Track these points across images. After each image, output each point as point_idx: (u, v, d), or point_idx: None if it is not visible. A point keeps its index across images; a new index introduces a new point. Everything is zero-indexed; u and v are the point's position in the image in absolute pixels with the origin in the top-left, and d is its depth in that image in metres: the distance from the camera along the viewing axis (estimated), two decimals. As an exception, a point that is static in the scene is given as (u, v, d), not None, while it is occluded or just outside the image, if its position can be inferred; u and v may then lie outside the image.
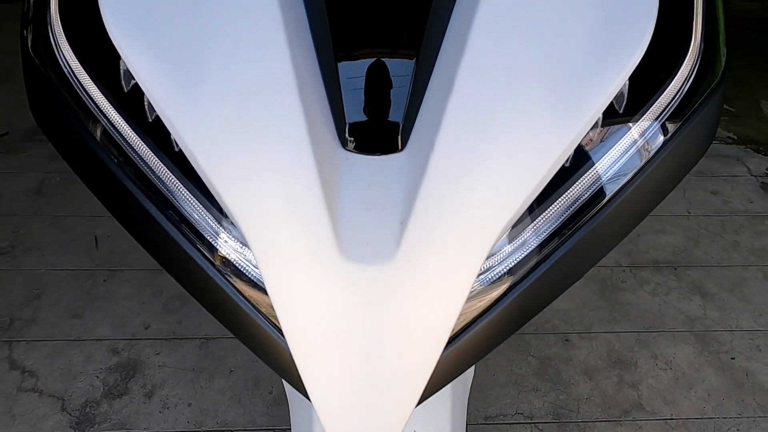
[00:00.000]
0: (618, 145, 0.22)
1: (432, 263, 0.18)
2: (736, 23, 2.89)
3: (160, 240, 0.22)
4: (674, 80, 0.24)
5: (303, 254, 0.18)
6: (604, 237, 0.24)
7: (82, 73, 0.23)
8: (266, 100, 0.19)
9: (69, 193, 1.43)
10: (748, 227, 1.39)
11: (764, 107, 2.01)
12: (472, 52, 0.20)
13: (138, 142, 0.22)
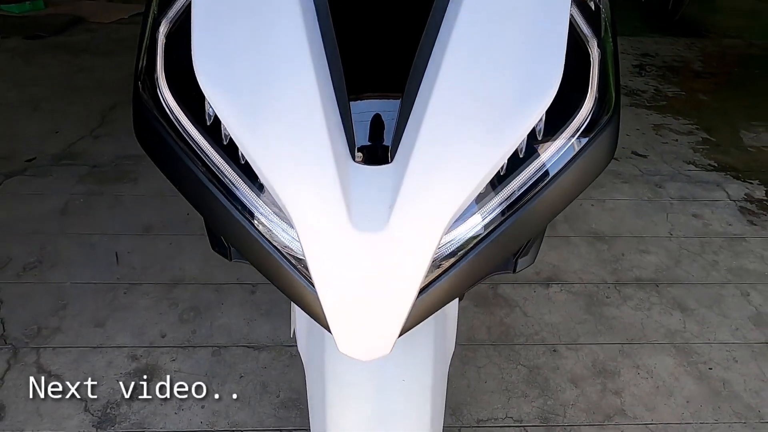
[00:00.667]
0: (539, 157, 0.33)
1: (408, 235, 0.28)
2: (720, 59, 3.06)
3: (231, 223, 0.32)
4: (581, 110, 0.34)
5: (328, 227, 0.28)
6: (532, 221, 0.34)
7: (177, 109, 0.33)
8: (303, 130, 0.29)
9: (92, 212, 1.54)
10: (727, 248, 1.48)
11: (744, 136, 2.13)
12: (439, 93, 0.30)
13: (216, 156, 0.32)
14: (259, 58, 0.32)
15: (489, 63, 0.32)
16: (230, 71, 0.31)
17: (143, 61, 0.36)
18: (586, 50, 0.35)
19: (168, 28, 0.36)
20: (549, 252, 1.43)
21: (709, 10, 4.31)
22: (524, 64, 0.32)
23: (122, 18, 3.49)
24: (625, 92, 2.54)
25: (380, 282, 0.28)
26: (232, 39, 0.32)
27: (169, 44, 0.35)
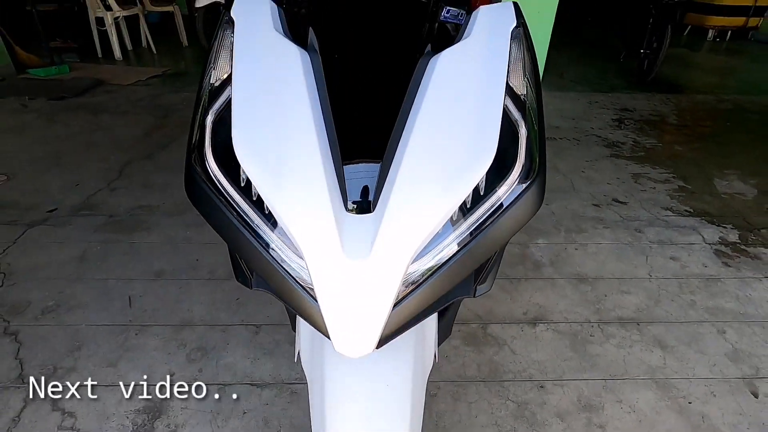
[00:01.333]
0: (481, 207, 0.44)
1: (384, 262, 0.39)
2: (693, 113, 3.29)
3: (256, 256, 0.42)
4: (512, 172, 0.46)
5: (328, 257, 0.39)
6: (478, 254, 0.45)
7: (220, 174, 0.45)
8: (310, 189, 0.41)
9: (108, 259, 1.64)
10: (704, 289, 1.57)
11: (717, 184, 2.28)
12: (407, 162, 0.42)
13: (247, 207, 0.44)
14: (279, 136, 0.44)
15: (445, 139, 0.44)
16: (258, 147, 0.44)
17: (195, 138, 0.49)
18: (516, 130, 0.48)
19: (214, 116, 0.49)
20: (535, 293, 1.52)
21: (682, 67, 4.66)
22: (469, 140, 0.44)
23: (140, 80, 3.79)
24: (605, 144, 2.73)
25: (365, 295, 0.39)
26: (260, 123, 0.45)
27: (214, 127, 0.48)
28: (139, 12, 4.68)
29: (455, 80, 0.47)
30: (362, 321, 0.39)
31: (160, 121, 2.94)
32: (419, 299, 0.43)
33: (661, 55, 3.72)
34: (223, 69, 0.50)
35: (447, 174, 0.42)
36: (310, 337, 0.55)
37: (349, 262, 0.39)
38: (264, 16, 0.53)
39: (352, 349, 0.40)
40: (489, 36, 0.51)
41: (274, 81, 0.47)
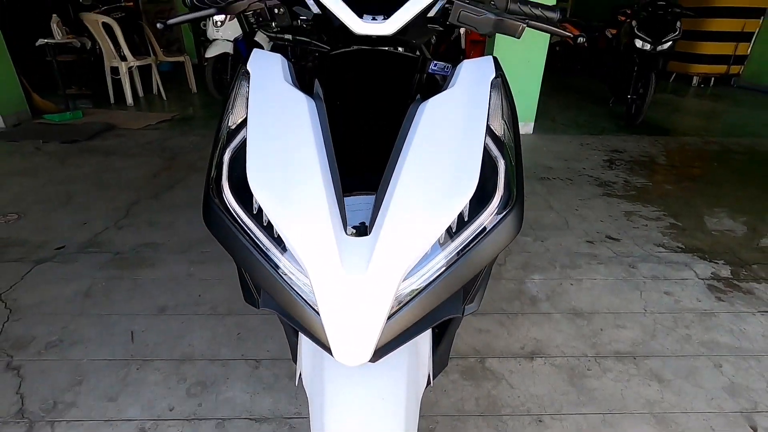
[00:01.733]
0: (465, 233, 0.50)
1: (379, 279, 0.44)
2: (681, 154, 3.40)
3: (265, 275, 0.48)
4: (492, 202, 0.52)
5: (330, 274, 0.44)
6: (462, 275, 0.50)
7: (235, 204, 0.52)
8: (314, 217, 0.47)
9: (112, 295, 1.68)
10: (698, 323, 1.59)
11: (707, 222, 2.34)
12: (398, 193, 0.49)
13: (259, 232, 0.50)
14: (287, 171, 0.51)
15: (432, 172, 0.51)
16: (270, 179, 0.50)
17: (213, 173, 0.55)
18: (496, 165, 0.54)
19: (231, 154, 0.55)
20: (532, 327, 1.54)
21: (669, 111, 4.86)
22: (454, 173, 0.51)
23: (149, 124, 3.96)
24: (598, 183, 2.82)
25: (361, 308, 0.44)
26: (271, 160, 0.52)
27: (230, 164, 0.55)
28: (152, 62, 4.96)
29: (441, 123, 0.55)
30: (359, 332, 0.44)
31: (167, 162, 3.05)
32: (411, 313, 0.47)
33: (647, 100, 3.91)
34: (239, 114, 0.58)
35: (434, 202, 0.48)
36: (311, 355, 0.59)
37: (347, 278, 0.44)
38: (275, 69, 0.61)
39: (350, 358, 0.44)
40: (471, 85, 0.59)
41: (283, 124, 0.54)
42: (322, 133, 0.54)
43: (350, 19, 0.59)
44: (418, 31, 0.67)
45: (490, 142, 0.55)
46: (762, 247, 2.10)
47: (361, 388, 0.52)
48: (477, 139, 0.54)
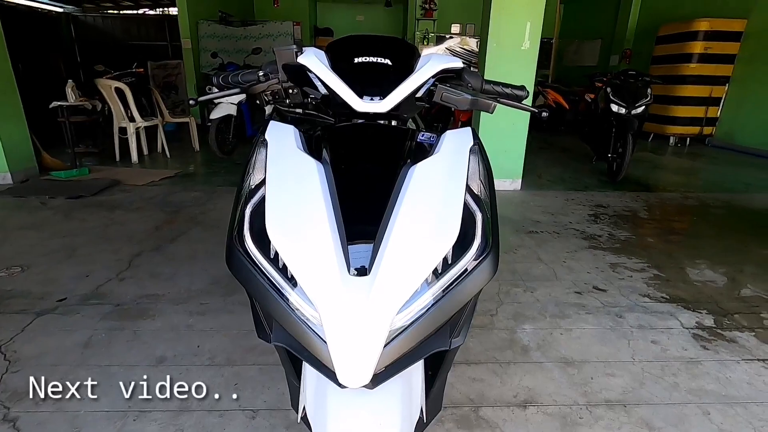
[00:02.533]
0: (448, 274, 0.59)
1: (376, 314, 0.53)
2: (661, 209, 3.57)
3: (279, 310, 0.56)
4: (471, 249, 0.62)
5: (336, 310, 0.53)
6: (446, 310, 0.58)
7: (255, 250, 0.61)
8: (323, 261, 0.56)
9: (112, 346, 1.70)
10: (685, 371, 1.63)
11: (689, 273, 2.44)
12: (392, 242, 0.58)
13: (275, 272, 0.58)
14: (300, 222, 0.61)
15: (420, 223, 0.61)
16: (285, 229, 0.60)
17: (236, 224, 0.65)
18: (474, 218, 0.65)
19: (251, 209, 0.66)
20: (524, 376, 1.58)
21: (649, 169, 5.12)
22: (438, 224, 0.61)
23: (153, 181, 4.11)
24: (583, 237, 2.94)
25: (362, 337, 0.52)
26: (286, 213, 0.62)
27: (251, 216, 0.65)
28: (159, 123, 5.23)
29: (428, 183, 0.66)
30: (360, 357, 0.51)
31: (170, 216, 3.16)
32: (404, 342, 0.55)
33: (627, 158, 4.16)
34: (258, 176, 0.69)
35: (422, 248, 0.58)
36: (315, 388, 0.65)
37: (350, 311, 0.52)
38: (289, 138, 0.73)
39: (353, 381, 0.51)
40: (453, 152, 0.71)
41: (297, 184, 0.65)
42: (329, 192, 0.65)
43: (353, 100, 0.72)
44: (408, 107, 0.80)
45: (470, 199, 0.66)
46: (742, 297, 2.18)
47: (361, 414, 0.58)
48: (458, 196, 0.65)
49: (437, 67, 0.77)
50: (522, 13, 3.69)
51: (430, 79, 0.78)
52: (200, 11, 7.82)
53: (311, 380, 0.67)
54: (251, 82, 0.85)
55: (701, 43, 6.23)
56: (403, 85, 0.74)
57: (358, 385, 0.52)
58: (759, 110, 6.04)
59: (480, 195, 0.67)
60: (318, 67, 0.75)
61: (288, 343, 0.61)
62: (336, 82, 0.73)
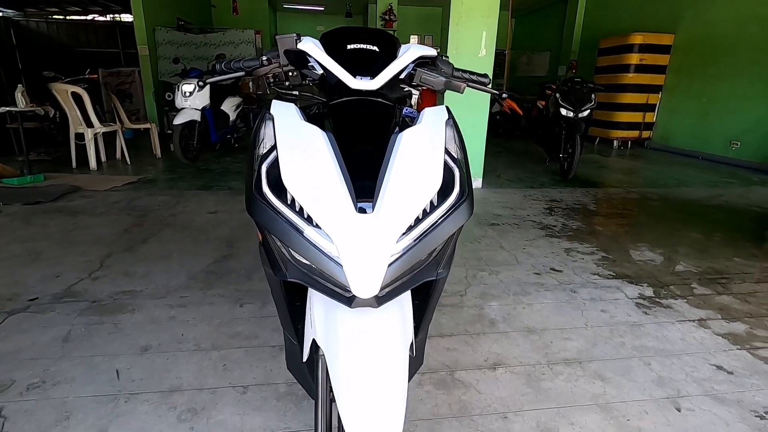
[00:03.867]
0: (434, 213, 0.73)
1: (381, 241, 0.65)
2: (608, 202, 3.90)
3: (296, 240, 0.67)
4: (452, 195, 0.76)
5: (347, 237, 0.64)
6: (433, 240, 0.71)
7: (272, 196, 0.71)
8: (334, 202, 0.68)
9: (93, 339, 1.71)
10: (629, 332, 1.85)
11: (632, 254, 2.71)
12: (389, 191, 0.71)
13: (293, 214, 0.69)
14: (311, 174, 0.72)
15: (410, 178, 0.74)
16: (298, 179, 0.71)
17: (254, 180, 0.75)
18: (452, 173, 0.79)
19: (266, 167, 0.76)
20: (493, 344, 1.74)
21: (596, 168, 5.55)
22: (424, 178, 0.74)
23: (115, 186, 4.02)
24: (540, 227, 3.19)
25: (370, 257, 0.64)
26: (299, 168, 0.73)
27: (267, 170, 0.75)
28: (118, 128, 5.10)
29: (415, 146, 0.79)
30: (369, 272, 0.63)
31: (138, 220, 3.12)
32: (403, 264, 0.67)
33: (576, 157, 4.52)
34: (269, 143, 0.79)
35: (413, 193, 0.71)
36: (324, 318, 0.76)
37: (360, 237, 0.64)
38: (292, 112, 0.84)
39: (364, 291, 0.63)
40: (433, 123, 0.84)
41: (305, 146, 0.76)
42: (333, 151, 0.77)
43: (348, 79, 0.85)
44: (393, 88, 0.94)
45: (448, 159, 0.80)
46: (676, 272, 2.47)
47: (368, 331, 0.70)
48: (438, 156, 0.78)
49: (417, 54, 0.91)
50: (478, 23, 3.97)
51: (411, 64, 0.92)
52: (157, 18, 7.68)
53: (320, 314, 0.77)
54: (254, 66, 0.95)
55: (637, 54, 6.85)
56: (391, 67, 0.87)
57: (369, 296, 0.64)
58: (686, 116, 6.70)
59: (456, 156, 0.81)
60: (316, 52, 0.88)
61: (301, 277, 0.72)
62: (333, 64, 0.86)
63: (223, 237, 2.82)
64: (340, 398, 0.67)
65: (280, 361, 1.60)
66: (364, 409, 0.66)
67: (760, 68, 5.52)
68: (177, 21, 7.95)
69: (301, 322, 1.07)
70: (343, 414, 0.66)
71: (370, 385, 0.67)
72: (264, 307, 1.97)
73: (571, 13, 9.04)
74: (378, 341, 0.71)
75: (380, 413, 0.66)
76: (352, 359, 0.69)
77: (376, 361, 0.69)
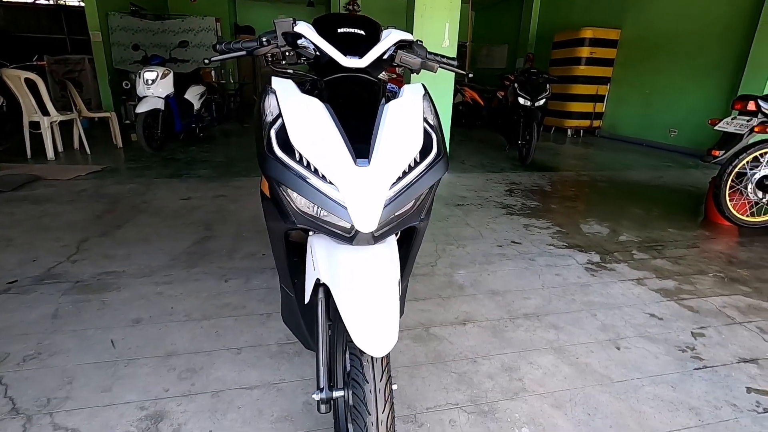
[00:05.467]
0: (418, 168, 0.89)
1: (377, 185, 0.80)
2: (562, 184, 4.21)
3: (303, 188, 0.80)
4: (431, 154, 0.91)
5: (350, 181, 0.78)
6: (416, 190, 0.87)
7: (282, 154, 0.84)
8: (336, 156, 0.82)
9: (82, 314, 1.77)
10: (579, 291, 2.11)
11: (582, 227, 3.00)
12: (382, 146, 0.86)
13: (301, 168, 0.83)
14: (315, 135, 0.85)
15: (397, 139, 0.89)
16: (304, 139, 0.84)
17: (265, 142, 0.88)
18: (430, 137, 0.95)
19: (275, 132, 0.89)
20: (462, 305, 1.94)
21: (551, 155, 5.92)
22: (407, 140, 0.90)
23: (79, 175, 3.93)
24: (502, 206, 3.44)
25: (370, 198, 0.79)
26: (304, 130, 0.86)
27: (276, 134, 0.88)
28: (76, 117, 4.93)
29: (399, 114, 0.93)
30: (369, 210, 0.78)
31: (109, 207, 3.10)
32: (395, 206, 0.82)
33: (533, 145, 4.83)
34: (274, 112, 0.92)
35: (399, 153, 0.87)
36: (327, 261, 0.90)
37: (360, 184, 0.79)
38: (291, 87, 0.97)
39: (366, 226, 0.78)
40: (412, 97, 1.00)
41: (307, 113, 0.89)
42: (332, 118, 0.90)
43: (339, 57, 0.98)
44: (377, 67, 1.08)
45: (426, 126, 0.96)
46: (620, 242, 2.78)
47: (367, 265, 0.85)
48: (419, 122, 0.94)
49: (398, 37, 1.06)
50: (441, 15, 4.15)
51: (392, 47, 1.07)
52: (108, 3, 7.36)
53: (322, 256, 0.91)
54: (254, 47, 1.07)
55: (587, 48, 7.29)
56: (377, 47, 1.01)
57: (369, 230, 0.79)
58: (631, 106, 7.23)
59: (432, 123, 0.97)
60: (311, 34, 1.00)
61: (307, 223, 0.86)
62: (325, 45, 0.99)
63: (200, 221, 2.87)
64: (347, 319, 0.82)
65: (270, 327, 1.73)
66: (367, 324, 0.81)
67: (693, 62, 6.06)
68: (130, 6, 7.65)
69: (298, 277, 1.21)
70: (351, 330, 0.81)
71: (371, 304, 0.82)
72: (248, 282, 2.08)
73: (527, 8, 9.43)
74: (375, 270, 0.86)
75: (380, 326, 0.81)
76: (355, 285, 0.84)
77: (374, 285, 0.85)
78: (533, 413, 1.34)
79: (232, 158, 5.02)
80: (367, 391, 0.82)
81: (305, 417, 1.29)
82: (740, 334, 1.80)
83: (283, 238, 1.06)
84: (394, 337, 0.83)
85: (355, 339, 0.80)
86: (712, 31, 5.79)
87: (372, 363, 0.84)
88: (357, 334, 0.80)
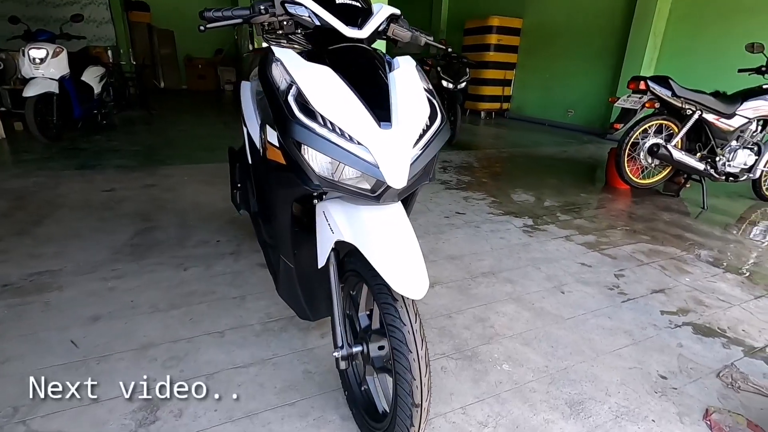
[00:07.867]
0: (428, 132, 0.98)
1: (401, 144, 0.87)
2: (487, 160, 4.56)
3: (330, 148, 0.85)
4: (436, 120, 1.00)
5: (378, 140, 0.84)
6: (429, 152, 0.95)
7: (302, 116, 0.85)
8: (361, 120, 0.87)
9: (25, 318, 1.58)
10: (522, 250, 2.38)
11: (513, 197, 3.32)
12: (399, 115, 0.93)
13: (326, 130, 0.85)
14: (335, 99, 0.89)
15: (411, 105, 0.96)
16: (324, 102, 0.87)
17: (285, 110, 0.89)
18: (435, 104, 1.04)
19: (292, 98, 0.90)
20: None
21: (471, 135, 6.34)
22: (419, 105, 0.98)
23: (-39, 171, 3.33)
24: (440, 182, 3.67)
25: (399, 157, 0.86)
26: (324, 95, 0.89)
27: (296, 100, 0.90)
28: (-58, 103, 4.12)
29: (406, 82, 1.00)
30: (400, 168, 0.85)
31: (16, 203, 2.71)
32: (417, 165, 0.90)
33: (458, 124, 5.15)
34: (285, 80, 0.93)
35: (416, 117, 0.94)
36: (347, 220, 0.96)
37: (389, 144, 0.86)
38: (295, 55, 0.98)
39: (397, 181, 0.85)
40: (408, 67, 1.07)
41: (320, 79, 0.92)
42: (348, 84, 0.94)
43: (342, 28, 1.01)
44: (373, 39, 1.13)
45: (429, 93, 1.05)
46: (545, 207, 3.15)
47: (393, 217, 0.93)
48: (423, 90, 1.02)
49: (389, 11, 1.12)
50: None
51: (386, 20, 1.13)
52: (-32, -33, 6.16)
53: (342, 219, 0.96)
54: (249, 15, 1.05)
55: (495, 35, 7.85)
56: (375, 18, 1.06)
57: (400, 186, 0.85)
58: (534, 90, 7.99)
59: (430, 91, 1.07)
60: (313, 5, 1.02)
61: (329, 185, 0.90)
62: (328, 15, 1.01)
63: (134, 212, 2.64)
64: (384, 271, 0.89)
65: (247, 308, 1.71)
66: (404, 271, 0.89)
67: (584, 50, 6.87)
68: (-3, -28, 6.49)
69: (297, 248, 1.24)
70: (389, 279, 0.88)
71: (404, 254, 0.91)
72: (210, 268, 2.01)
73: (437, -5, 9.81)
74: (401, 224, 0.95)
75: (415, 272, 0.90)
76: (387, 239, 0.92)
77: (403, 237, 0.93)
78: (508, 352, 1.53)
79: (151, 147, 4.61)
80: (406, 333, 0.91)
81: (308, 384, 1.33)
82: (649, 272, 2.20)
83: (291, 209, 1.08)
84: (426, 280, 0.93)
85: (394, 286, 0.88)
86: (598, 22, 6.60)
87: (406, 308, 0.92)
88: (396, 281, 0.88)
